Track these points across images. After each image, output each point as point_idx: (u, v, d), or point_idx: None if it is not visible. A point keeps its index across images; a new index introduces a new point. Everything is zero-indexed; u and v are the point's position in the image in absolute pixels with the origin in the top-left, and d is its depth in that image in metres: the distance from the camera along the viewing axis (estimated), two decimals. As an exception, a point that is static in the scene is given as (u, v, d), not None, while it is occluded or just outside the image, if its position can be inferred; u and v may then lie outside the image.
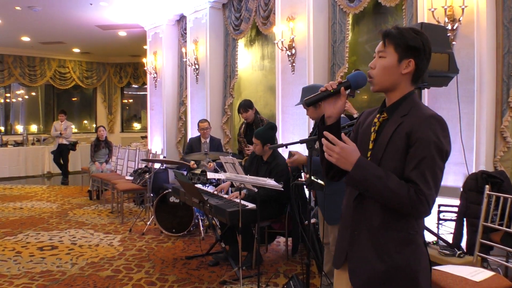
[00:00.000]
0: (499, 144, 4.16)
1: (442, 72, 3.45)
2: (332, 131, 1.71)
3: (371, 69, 1.70)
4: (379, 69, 1.68)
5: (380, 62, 1.68)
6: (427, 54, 1.66)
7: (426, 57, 1.66)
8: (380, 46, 1.69)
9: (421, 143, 1.56)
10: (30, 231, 5.81)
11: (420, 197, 1.52)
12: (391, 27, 1.68)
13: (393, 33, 1.65)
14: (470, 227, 3.62)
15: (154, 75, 9.15)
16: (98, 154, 8.53)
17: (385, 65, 1.66)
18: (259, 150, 4.32)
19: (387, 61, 1.66)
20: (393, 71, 1.66)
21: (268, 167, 4.32)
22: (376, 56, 1.70)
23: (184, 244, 5.21)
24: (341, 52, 5.60)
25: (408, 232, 1.62)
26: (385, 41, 1.67)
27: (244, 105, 5.64)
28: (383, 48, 1.68)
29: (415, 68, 1.66)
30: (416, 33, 1.66)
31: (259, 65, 7.45)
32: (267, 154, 4.37)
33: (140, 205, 7.35)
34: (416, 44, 1.63)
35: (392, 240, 1.62)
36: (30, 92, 13.70)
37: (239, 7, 7.29)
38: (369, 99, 5.68)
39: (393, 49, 1.65)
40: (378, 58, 1.69)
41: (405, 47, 1.64)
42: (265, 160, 4.39)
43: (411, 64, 1.65)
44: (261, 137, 4.29)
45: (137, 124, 15.03)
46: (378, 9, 5.41)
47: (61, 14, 8.41)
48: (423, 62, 1.66)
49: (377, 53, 1.70)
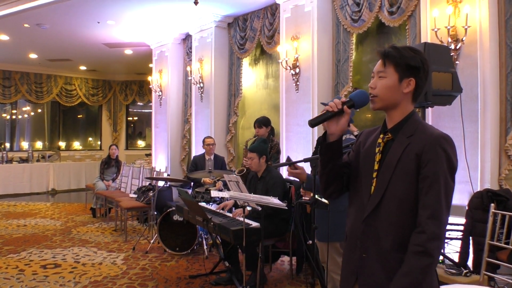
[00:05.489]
0: (504, 163, 4.15)
1: (446, 91, 3.47)
2: (334, 148, 1.73)
3: (372, 89, 1.71)
4: (380, 89, 1.68)
5: (381, 82, 1.68)
6: (426, 72, 1.68)
7: (425, 76, 1.69)
8: (380, 66, 1.70)
9: (434, 164, 1.57)
10: (34, 248, 5.80)
11: (432, 243, 1.55)
12: (389, 47, 1.69)
13: (393, 53, 1.66)
14: (476, 245, 3.59)
15: (159, 93, 9.21)
16: (107, 172, 8.60)
17: (387, 85, 1.67)
18: (256, 164, 4.37)
19: (388, 81, 1.67)
20: (394, 90, 1.67)
21: (264, 182, 4.36)
22: (376, 76, 1.71)
23: (188, 263, 5.18)
24: (345, 71, 5.65)
25: None
26: (385, 61, 1.68)
27: (260, 121, 5.62)
28: (383, 68, 1.68)
29: (416, 86, 1.67)
30: (415, 52, 1.68)
31: (264, 83, 7.50)
32: (262, 169, 4.41)
33: (144, 223, 7.33)
34: (416, 63, 1.65)
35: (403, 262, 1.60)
36: (36, 109, 13.80)
37: (244, 27, 7.37)
38: (373, 118, 5.70)
39: (394, 69, 1.66)
40: (378, 78, 1.70)
41: (405, 66, 1.65)
42: (260, 176, 4.43)
43: (412, 83, 1.66)
44: (256, 149, 4.37)
45: (141, 141, 15.07)
46: (381, 29, 5.47)
47: (68, 32, 8.52)
48: (422, 80, 1.68)
49: (377, 73, 1.70)
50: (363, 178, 1.75)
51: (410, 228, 1.61)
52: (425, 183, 1.58)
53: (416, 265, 1.54)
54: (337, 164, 1.77)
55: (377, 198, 1.67)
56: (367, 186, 1.72)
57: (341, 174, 1.81)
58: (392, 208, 1.64)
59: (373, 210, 1.67)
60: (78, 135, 14.60)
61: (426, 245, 1.54)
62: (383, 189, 1.66)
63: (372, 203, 1.68)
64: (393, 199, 1.64)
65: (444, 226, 1.61)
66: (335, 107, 1.69)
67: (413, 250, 1.56)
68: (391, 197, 1.64)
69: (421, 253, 1.54)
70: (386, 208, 1.65)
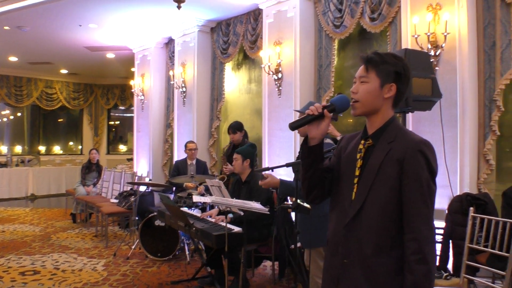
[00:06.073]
0: (482, 167, 4.22)
1: (426, 97, 3.52)
2: (315, 151, 1.74)
3: (353, 94, 1.73)
4: (362, 93, 1.70)
5: (363, 87, 1.70)
6: (407, 78, 1.71)
7: (406, 81, 1.71)
8: (362, 71, 1.72)
9: (416, 170, 1.60)
10: (12, 255, 5.69)
11: (428, 248, 1.58)
12: (371, 53, 1.72)
13: (375, 59, 1.69)
14: (456, 249, 3.64)
15: (141, 97, 9.14)
16: (89, 177, 8.49)
17: (369, 90, 1.69)
18: (239, 165, 4.36)
19: (370, 86, 1.69)
20: (376, 95, 1.69)
21: (248, 187, 4.35)
22: (358, 81, 1.73)
23: (170, 268, 5.14)
24: (327, 76, 5.69)
25: (402, 261, 1.62)
26: (367, 66, 1.70)
27: (234, 126, 5.63)
28: (365, 73, 1.71)
29: (397, 92, 1.70)
30: (396, 58, 1.71)
31: (246, 88, 7.51)
32: (245, 173, 4.40)
33: (125, 229, 7.25)
34: (398, 69, 1.68)
35: (384, 268, 1.62)
36: (15, 112, 13.57)
37: (227, 31, 7.38)
38: (354, 123, 5.74)
39: (375, 74, 1.69)
40: (359, 83, 1.72)
41: (387, 72, 1.68)
42: (244, 180, 4.42)
43: (393, 88, 1.69)
44: (242, 152, 4.39)
45: (123, 146, 14.93)
46: (363, 35, 5.52)
47: (49, 34, 8.41)
48: (403, 86, 1.71)
49: (359, 78, 1.73)
50: (345, 183, 1.76)
51: (391, 234, 1.63)
52: (409, 189, 1.61)
53: (421, 273, 1.56)
54: (319, 169, 1.78)
55: (358, 203, 1.68)
56: (348, 191, 1.73)
57: (323, 179, 1.81)
58: (374, 214, 1.65)
59: (355, 215, 1.68)
60: (58, 140, 14.38)
61: (424, 251, 1.56)
62: (364, 194, 1.67)
63: (353, 208, 1.69)
64: (375, 204, 1.65)
65: (433, 229, 1.64)
66: (315, 110, 1.71)
67: (413, 260, 1.57)
68: (373, 203, 1.65)
69: (421, 259, 1.56)
70: (368, 213, 1.66)
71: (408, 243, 1.59)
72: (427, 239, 1.58)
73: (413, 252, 1.57)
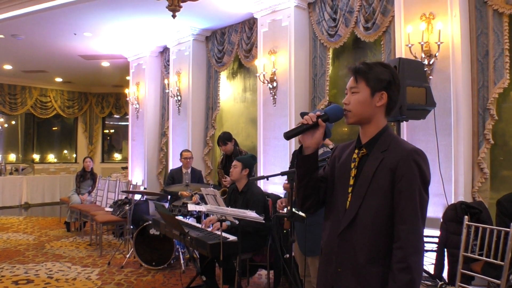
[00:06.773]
0: (476, 175, 4.24)
1: (420, 106, 3.54)
2: (310, 161, 1.75)
3: (346, 105, 1.75)
4: (354, 104, 1.72)
5: (354, 97, 1.73)
6: (397, 85, 1.73)
7: (396, 89, 1.73)
8: (352, 82, 1.74)
9: (408, 178, 1.61)
10: (5, 264, 5.63)
11: (414, 257, 1.59)
12: (359, 63, 1.74)
13: (363, 69, 1.71)
14: (451, 257, 3.64)
15: (136, 106, 9.14)
16: (83, 185, 8.46)
17: (360, 100, 1.71)
18: (237, 173, 4.37)
19: (361, 96, 1.71)
20: (367, 104, 1.71)
21: (244, 197, 4.35)
22: (349, 92, 1.75)
23: (164, 277, 5.11)
24: (321, 85, 5.72)
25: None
26: (356, 77, 1.72)
27: (223, 138, 5.66)
28: (355, 84, 1.73)
29: (388, 99, 1.71)
30: (384, 67, 1.73)
31: (241, 97, 7.53)
32: (242, 183, 4.40)
33: (120, 237, 7.21)
34: (386, 77, 1.70)
35: (378, 276, 1.63)
36: (9, 120, 13.51)
37: (222, 40, 7.40)
38: (349, 132, 5.76)
39: (365, 84, 1.71)
40: (351, 94, 1.74)
41: (376, 80, 1.70)
42: (241, 190, 4.42)
43: (384, 96, 1.71)
44: (242, 160, 4.40)
45: (117, 154, 14.89)
46: (357, 44, 5.56)
47: (44, 43, 8.41)
48: (394, 93, 1.73)
49: (349, 89, 1.75)
50: (339, 192, 1.77)
51: (385, 242, 1.64)
52: (400, 197, 1.61)
53: (403, 282, 1.56)
54: (313, 178, 1.79)
55: (352, 212, 1.69)
56: (342, 200, 1.74)
57: (318, 188, 1.82)
58: (367, 223, 1.66)
59: (349, 224, 1.69)
60: (53, 148, 14.33)
61: (409, 260, 1.57)
62: (358, 203, 1.68)
63: (347, 217, 1.70)
64: (368, 213, 1.66)
65: (422, 239, 1.64)
66: (310, 120, 1.72)
67: (397, 268, 1.58)
68: (367, 212, 1.66)
69: (405, 269, 1.56)
70: (362, 222, 1.67)
71: (395, 251, 1.61)
72: (414, 248, 1.59)
73: (398, 261, 1.58)
